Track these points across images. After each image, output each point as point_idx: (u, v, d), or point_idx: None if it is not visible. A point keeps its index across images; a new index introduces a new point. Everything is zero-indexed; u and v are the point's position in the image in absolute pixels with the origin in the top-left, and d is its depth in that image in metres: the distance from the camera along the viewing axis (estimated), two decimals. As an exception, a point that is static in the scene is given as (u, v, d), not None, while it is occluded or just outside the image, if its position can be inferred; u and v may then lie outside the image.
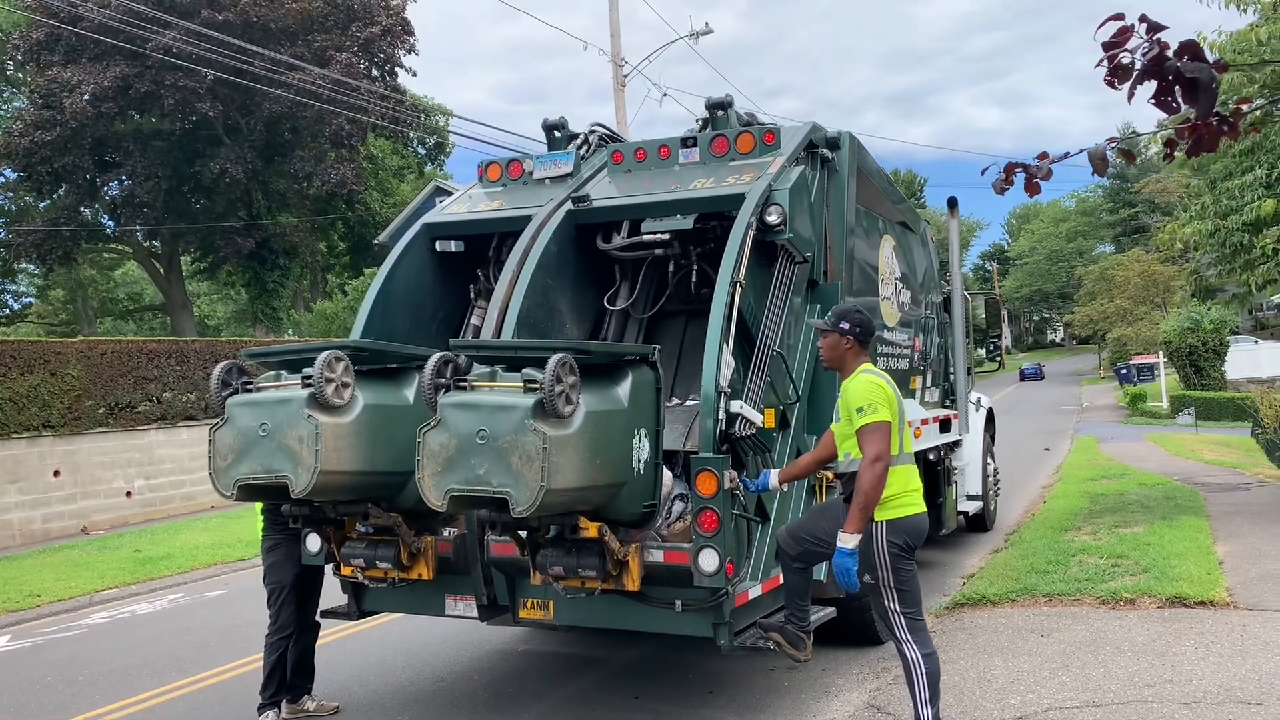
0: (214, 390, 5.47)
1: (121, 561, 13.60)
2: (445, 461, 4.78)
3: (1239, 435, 26.43)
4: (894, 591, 4.94)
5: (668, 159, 7.07)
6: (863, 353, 5.19)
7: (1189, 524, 10.81)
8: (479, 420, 4.75)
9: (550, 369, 4.64)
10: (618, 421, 5.05)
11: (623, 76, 24.35)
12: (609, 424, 4.99)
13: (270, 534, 6.52)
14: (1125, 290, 50.94)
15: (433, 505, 4.83)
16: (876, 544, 4.93)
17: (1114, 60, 3.00)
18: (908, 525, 4.97)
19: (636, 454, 5.14)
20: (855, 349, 5.17)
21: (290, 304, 42.90)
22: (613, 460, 5.00)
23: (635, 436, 5.14)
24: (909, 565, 4.97)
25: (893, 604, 4.96)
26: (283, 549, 6.47)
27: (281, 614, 6.44)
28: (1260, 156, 11.99)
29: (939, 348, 10.56)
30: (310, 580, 6.60)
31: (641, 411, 5.21)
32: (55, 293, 52.10)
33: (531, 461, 4.59)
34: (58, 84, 31.17)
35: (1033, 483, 17.05)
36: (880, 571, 4.93)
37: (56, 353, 17.44)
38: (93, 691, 7.69)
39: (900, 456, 4.99)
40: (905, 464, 5.05)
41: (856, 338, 5.15)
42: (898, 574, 4.93)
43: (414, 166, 54.85)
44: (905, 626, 4.94)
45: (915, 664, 4.92)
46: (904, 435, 5.04)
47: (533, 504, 4.59)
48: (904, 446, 5.03)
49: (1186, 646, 6.58)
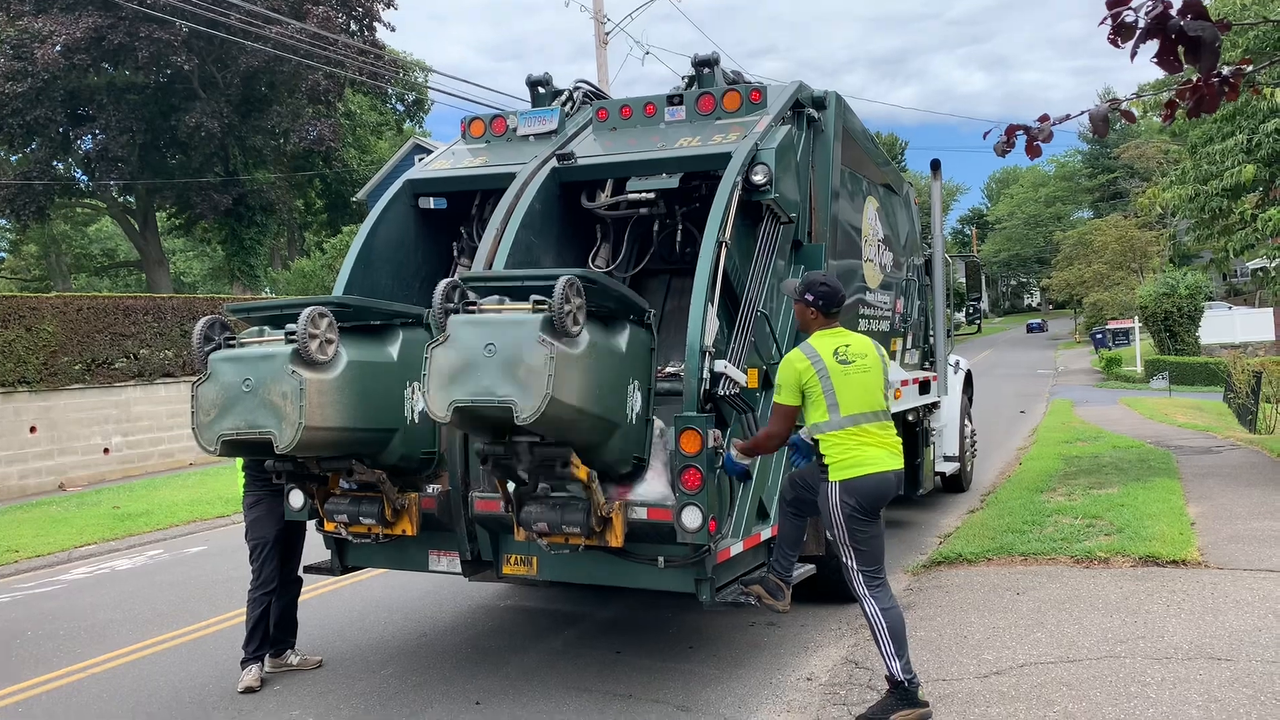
0: (196, 345, 5.45)
1: (100, 518, 13.57)
2: (451, 375, 4.82)
3: (1212, 399, 26.78)
4: (850, 550, 5.08)
5: (653, 117, 7.03)
6: (828, 320, 5.28)
7: (1162, 485, 10.97)
8: (488, 335, 4.82)
9: (560, 288, 4.78)
10: (616, 363, 5.24)
11: (605, 34, 24.12)
12: (609, 361, 5.17)
13: (252, 490, 6.53)
14: (1103, 255, 51.21)
15: (435, 417, 4.88)
16: (830, 504, 5.06)
17: (1118, 18, 3.00)
18: (860, 486, 5.05)
19: (630, 402, 5.34)
20: (820, 318, 5.28)
21: (268, 261, 42.54)
22: (610, 396, 5.14)
23: (630, 385, 5.35)
24: (865, 525, 5.08)
25: (850, 561, 5.10)
26: (264, 505, 6.48)
27: (264, 569, 6.46)
28: (1241, 122, 12.03)
29: (919, 310, 10.61)
30: (292, 536, 6.62)
31: (636, 364, 5.42)
32: (29, 248, 51.50)
33: (538, 373, 4.67)
34: (28, 34, 30.60)
35: (1009, 444, 17.23)
36: (836, 530, 5.08)
37: (32, 308, 17.26)
38: (74, 645, 7.70)
39: (833, 422, 5.07)
40: (848, 426, 5.09)
41: (819, 308, 5.25)
42: (853, 534, 5.06)
43: (392, 123, 54.35)
44: (863, 583, 5.09)
45: (876, 618, 5.05)
46: (843, 398, 5.09)
47: (537, 411, 4.62)
48: (841, 410, 5.08)
49: (1159, 604, 6.71)
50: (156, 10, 27.83)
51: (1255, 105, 11.50)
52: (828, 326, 5.29)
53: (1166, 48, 2.98)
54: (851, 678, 5.83)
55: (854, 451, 5.08)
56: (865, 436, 5.12)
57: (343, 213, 48.25)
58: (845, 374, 5.12)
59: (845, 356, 5.15)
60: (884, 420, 5.24)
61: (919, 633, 6.51)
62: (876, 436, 5.16)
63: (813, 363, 5.11)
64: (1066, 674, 5.55)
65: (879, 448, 5.16)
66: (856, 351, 5.22)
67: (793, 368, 5.14)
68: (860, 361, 5.19)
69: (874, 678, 5.76)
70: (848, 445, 5.08)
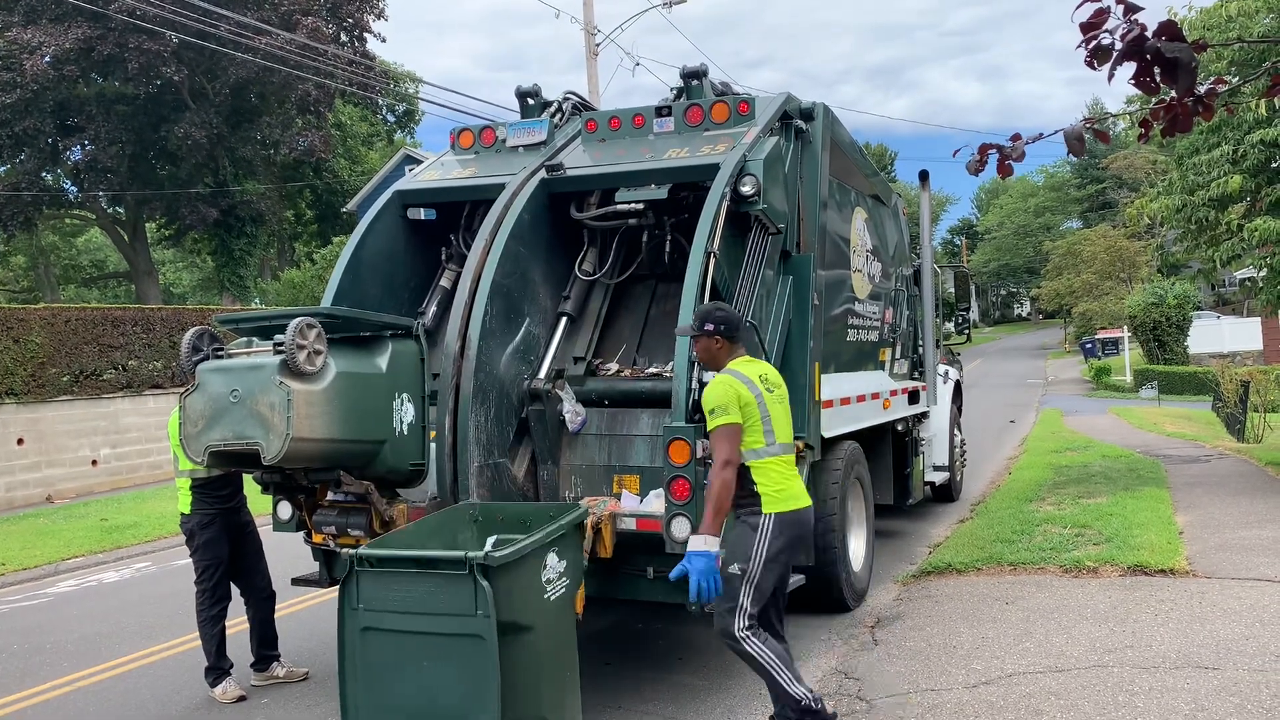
0: (185, 356, 5.48)
1: (88, 530, 13.50)
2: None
3: (1200, 409, 26.87)
4: (754, 589, 4.75)
5: (642, 128, 7.05)
6: (736, 347, 5.03)
7: (1150, 495, 11.00)
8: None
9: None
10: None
11: (595, 45, 24.17)
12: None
13: (204, 509, 6.43)
14: (1092, 265, 51.41)
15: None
16: (760, 536, 4.76)
17: (1093, 41, 3.01)
18: (794, 519, 4.84)
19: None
20: (726, 346, 5.01)
21: (257, 272, 42.47)
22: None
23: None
24: (780, 566, 4.83)
25: (746, 600, 4.74)
26: (219, 523, 6.45)
27: (219, 589, 6.45)
28: (1227, 133, 12.09)
29: (908, 320, 10.64)
30: (248, 551, 6.62)
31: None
32: (16, 259, 51.26)
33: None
34: (17, 45, 30.49)
35: (998, 454, 17.26)
36: (753, 565, 4.74)
37: (19, 319, 17.17)
38: (61, 659, 7.65)
39: (772, 448, 4.82)
40: (782, 454, 4.88)
41: (724, 334, 4.99)
42: (767, 572, 4.76)
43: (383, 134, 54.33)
44: (745, 625, 4.73)
45: (764, 655, 4.74)
46: (776, 425, 4.86)
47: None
48: (778, 437, 4.86)
49: (1147, 613, 6.72)
50: (146, 21, 27.81)
51: (1241, 116, 11.57)
52: (736, 355, 5.01)
53: (1143, 69, 2.99)
54: (841, 688, 5.83)
55: (786, 483, 4.85)
56: (790, 469, 4.91)
57: (333, 223, 48.16)
58: (771, 401, 4.90)
59: (768, 385, 4.93)
60: (793, 454, 5.03)
61: (908, 643, 6.52)
62: (793, 469, 4.97)
63: (749, 387, 4.82)
64: (1055, 684, 5.56)
65: (798, 481, 4.97)
66: (774, 380, 5.03)
67: (731, 388, 4.78)
68: (779, 391, 5.01)
69: (864, 688, 5.76)
70: (782, 474, 4.85)
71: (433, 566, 4.44)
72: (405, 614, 4.46)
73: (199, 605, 6.46)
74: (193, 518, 6.45)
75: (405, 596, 4.46)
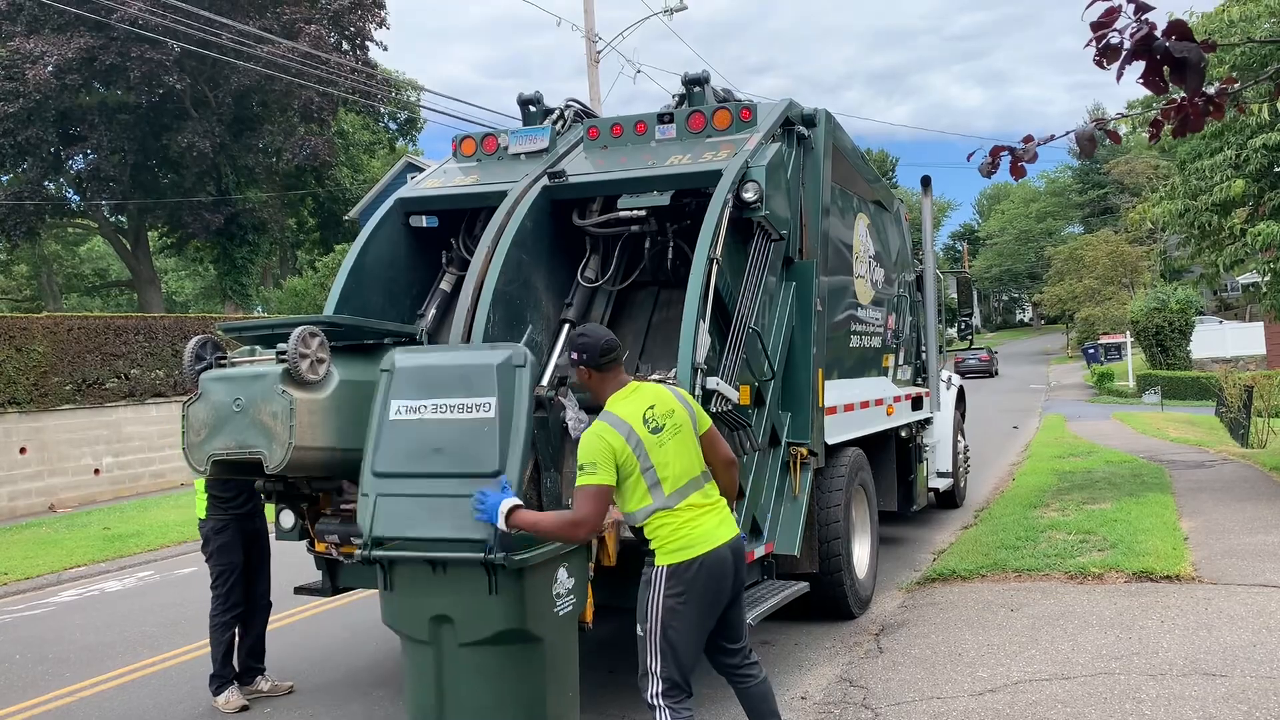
0: (188, 364, 5.49)
1: (90, 539, 13.49)
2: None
3: (1204, 414, 26.82)
4: (658, 650, 4.21)
5: (644, 135, 7.05)
6: (608, 375, 4.43)
7: (1155, 500, 10.97)
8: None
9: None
10: None
11: (596, 52, 24.21)
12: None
13: (217, 515, 6.43)
14: (1094, 270, 51.43)
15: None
16: (653, 591, 4.23)
17: (1102, 40, 3.01)
18: (692, 569, 4.22)
19: None
20: (596, 375, 4.43)
21: (260, 280, 42.50)
22: None
23: None
24: (683, 621, 4.22)
25: (654, 664, 4.22)
26: (231, 529, 6.43)
27: (232, 594, 6.43)
28: (1229, 138, 12.08)
29: (911, 326, 10.63)
30: (258, 559, 6.60)
31: None
32: (19, 268, 51.36)
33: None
34: (20, 55, 30.56)
35: (1002, 460, 17.23)
36: (650, 623, 4.22)
37: (22, 328, 17.18)
38: (63, 669, 7.64)
39: (659, 501, 4.26)
40: (677, 502, 4.28)
41: (588, 364, 4.41)
42: (666, 630, 4.20)
43: (385, 142, 54.40)
44: (661, 692, 4.21)
45: None
46: (665, 473, 4.27)
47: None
48: (666, 488, 4.27)
49: (1153, 620, 6.69)
50: (148, 31, 27.88)
51: (1243, 121, 11.56)
52: (615, 384, 4.43)
53: (1152, 68, 2.99)
54: (846, 696, 5.80)
55: (684, 529, 4.26)
56: (692, 511, 4.31)
57: (335, 231, 48.20)
58: (661, 444, 4.29)
59: (655, 422, 4.31)
60: (705, 484, 4.41)
61: (913, 650, 6.50)
62: (703, 506, 4.36)
63: (626, 438, 4.23)
64: (1061, 691, 5.53)
65: (709, 515, 4.35)
66: (663, 411, 4.37)
67: (604, 441, 4.20)
68: (670, 422, 4.35)
69: (869, 696, 5.73)
70: (678, 523, 4.27)
71: None
72: None
73: (212, 609, 6.46)
74: (208, 523, 6.47)
75: None
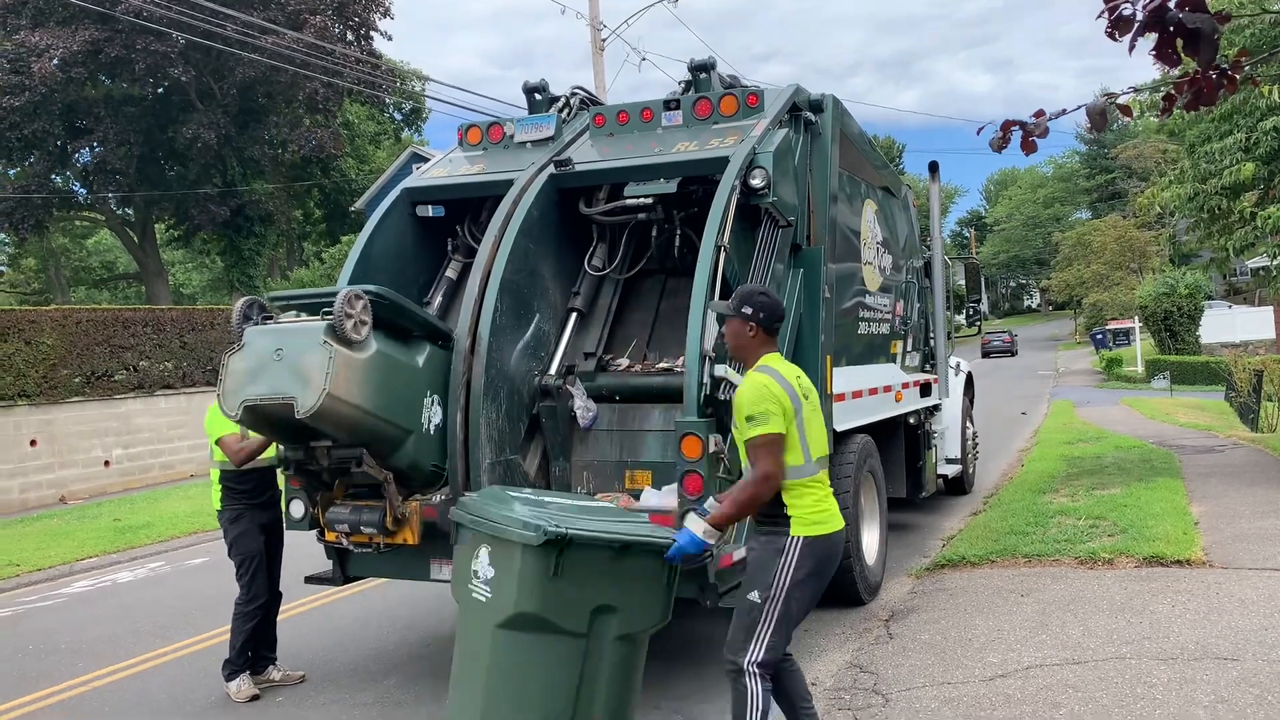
0: (235, 323, 5.62)
1: (101, 530, 13.54)
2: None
3: (1213, 399, 26.75)
4: (775, 618, 4.21)
5: (650, 122, 7.03)
6: (769, 341, 4.41)
7: (1165, 485, 10.95)
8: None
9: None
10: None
11: (601, 40, 24.14)
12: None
13: (232, 505, 6.47)
14: (1102, 256, 51.26)
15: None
16: (785, 560, 4.19)
17: (1114, 12, 2.99)
18: (825, 545, 4.26)
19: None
20: (761, 337, 4.39)
21: (266, 272, 42.51)
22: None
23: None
24: (806, 593, 4.25)
25: (764, 631, 4.21)
26: (247, 518, 6.46)
27: (255, 584, 6.44)
28: (1239, 120, 12.01)
29: (919, 313, 10.60)
30: (273, 548, 6.61)
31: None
32: (28, 261, 51.52)
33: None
34: (25, 48, 30.55)
35: (1011, 446, 17.21)
36: (774, 590, 4.20)
37: (31, 321, 17.22)
38: (76, 659, 7.67)
39: (811, 465, 4.25)
40: (818, 472, 4.30)
41: (761, 324, 4.36)
42: (790, 601, 4.20)
43: (390, 132, 54.40)
44: (760, 661, 4.21)
45: (754, 699, 4.19)
46: (811, 441, 4.27)
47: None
48: (812, 453, 4.26)
49: (1164, 604, 6.68)
50: (153, 23, 27.84)
51: (1253, 103, 11.49)
52: (767, 350, 4.40)
53: (1165, 40, 2.96)
54: (856, 682, 5.80)
55: (823, 504, 4.28)
56: (825, 488, 4.35)
57: (341, 222, 48.22)
58: (808, 411, 4.30)
59: (804, 391, 4.33)
60: (828, 466, 4.46)
61: (923, 636, 6.49)
62: (829, 489, 4.40)
63: (788, 392, 4.21)
64: (1072, 676, 5.52)
65: (834, 501, 4.39)
66: (807, 385, 4.39)
67: (770, 391, 4.16)
68: (813, 398, 4.39)
69: (879, 682, 5.73)
70: (817, 495, 4.27)
71: None
72: None
73: (237, 599, 6.49)
74: (223, 513, 6.53)
75: None
